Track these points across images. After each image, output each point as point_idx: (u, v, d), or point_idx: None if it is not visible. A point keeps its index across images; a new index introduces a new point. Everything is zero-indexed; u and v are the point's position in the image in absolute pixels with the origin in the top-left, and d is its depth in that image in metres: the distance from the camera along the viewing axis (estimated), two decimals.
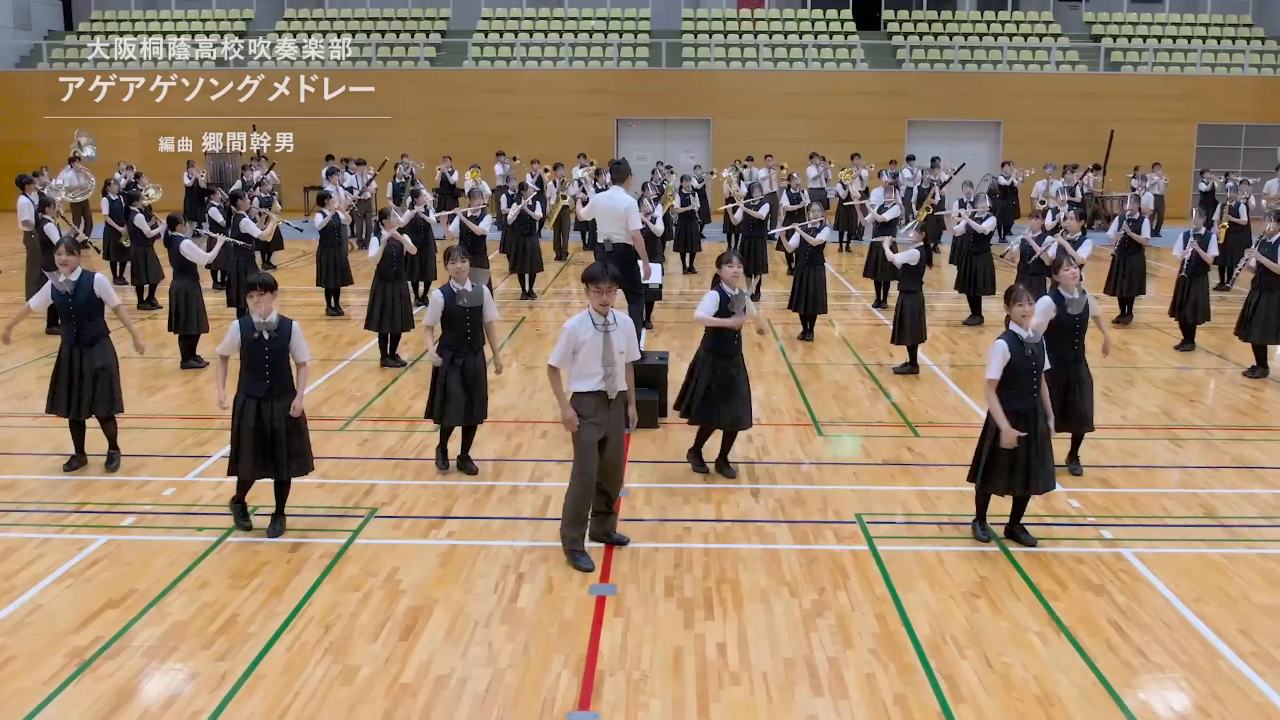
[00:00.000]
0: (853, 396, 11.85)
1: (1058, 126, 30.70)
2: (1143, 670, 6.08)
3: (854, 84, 32.21)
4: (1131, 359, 13.75)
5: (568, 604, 6.85)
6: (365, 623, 6.58)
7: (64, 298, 9.04)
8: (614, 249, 11.16)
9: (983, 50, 33.16)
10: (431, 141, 30.18)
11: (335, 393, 11.90)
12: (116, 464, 9.24)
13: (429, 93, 32.27)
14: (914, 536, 7.99)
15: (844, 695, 5.79)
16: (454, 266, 8.87)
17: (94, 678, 5.95)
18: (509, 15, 35.39)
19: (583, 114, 31.78)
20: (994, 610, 6.79)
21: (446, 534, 7.97)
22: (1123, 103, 31.09)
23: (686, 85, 32.65)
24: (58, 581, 7.16)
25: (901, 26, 34.73)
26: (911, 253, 12.53)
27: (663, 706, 5.68)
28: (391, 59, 33.50)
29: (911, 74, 32.44)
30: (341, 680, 5.92)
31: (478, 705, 5.68)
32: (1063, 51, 32.87)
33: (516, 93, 32.03)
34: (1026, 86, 31.78)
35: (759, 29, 34.73)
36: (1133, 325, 15.69)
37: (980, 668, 6.09)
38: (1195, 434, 10.60)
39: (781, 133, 30.79)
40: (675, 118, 32.75)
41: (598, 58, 33.49)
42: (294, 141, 29.84)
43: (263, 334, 7.63)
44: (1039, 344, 7.64)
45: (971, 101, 31.82)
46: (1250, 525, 8.26)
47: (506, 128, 31.02)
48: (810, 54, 33.19)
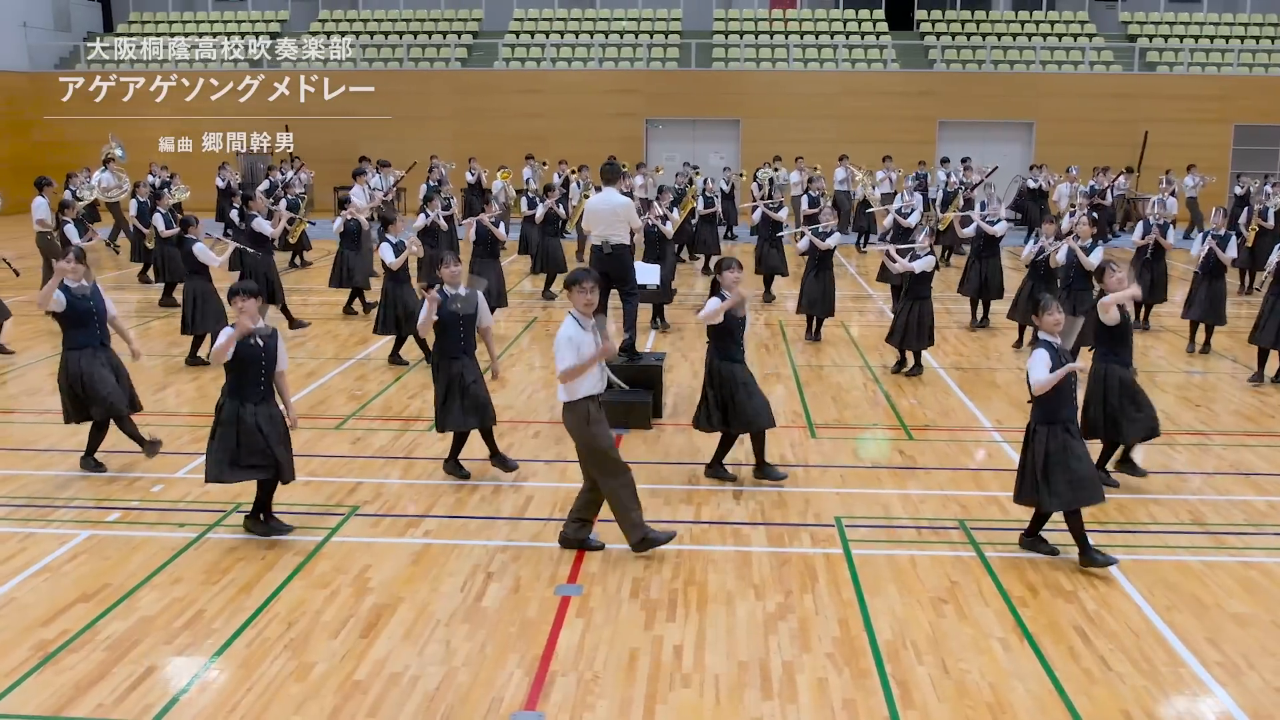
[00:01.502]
0: (851, 399, 11.78)
1: (1091, 127, 30.33)
2: (1101, 678, 6.01)
3: (884, 84, 32.01)
4: (1144, 362, 13.56)
5: (532, 604, 6.86)
6: (328, 620, 6.63)
7: (83, 300, 9.11)
8: (612, 250, 11.17)
9: (1015, 50, 32.84)
10: (460, 142, 30.30)
11: (336, 391, 12.00)
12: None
13: (459, 93, 32.42)
14: (890, 541, 7.93)
15: (793, 699, 5.77)
16: (448, 270, 8.88)
17: (55, 670, 6.04)
18: (540, 16, 35.49)
19: (612, 114, 31.80)
20: (960, 616, 6.73)
21: (423, 533, 8.01)
22: (1157, 103, 30.67)
23: (716, 85, 32.59)
24: (36, 575, 7.28)
25: (934, 26, 34.47)
26: (928, 259, 12.41)
27: (609, 707, 5.68)
28: (423, 60, 33.68)
29: (943, 74, 32.19)
30: (295, 677, 5.97)
31: (425, 703, 5.71)
32: (1097, 51, 32.50)
33: (546, 93, 32.11)
34: (1059, 87, 31.43)
35: (790, 29, 34.61)
36: (1152, 330, 15.46)
37: (936, 674, 6.04)
38: (1195, 439, 10.45)
39: (811, 133, 30.65)
40: (704, 118, 32.69)
41: (627, 58, 33.50)
42: (324, 142, 30.22)
43: (257, 340, 7.71)
44: (1069, 352, 7.53)
45: (1003, 102, 31.52)
46: (1236, 533, 8.13)
47: (535, 128, 31.11)
48: (841, 54, 33.02)
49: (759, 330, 15.32)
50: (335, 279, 16.02)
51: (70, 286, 9.03)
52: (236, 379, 7.76)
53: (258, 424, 7.66)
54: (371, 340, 14.29)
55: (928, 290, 12.44)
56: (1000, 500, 8.68)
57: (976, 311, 15.67)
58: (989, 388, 12.29)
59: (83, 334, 9.15)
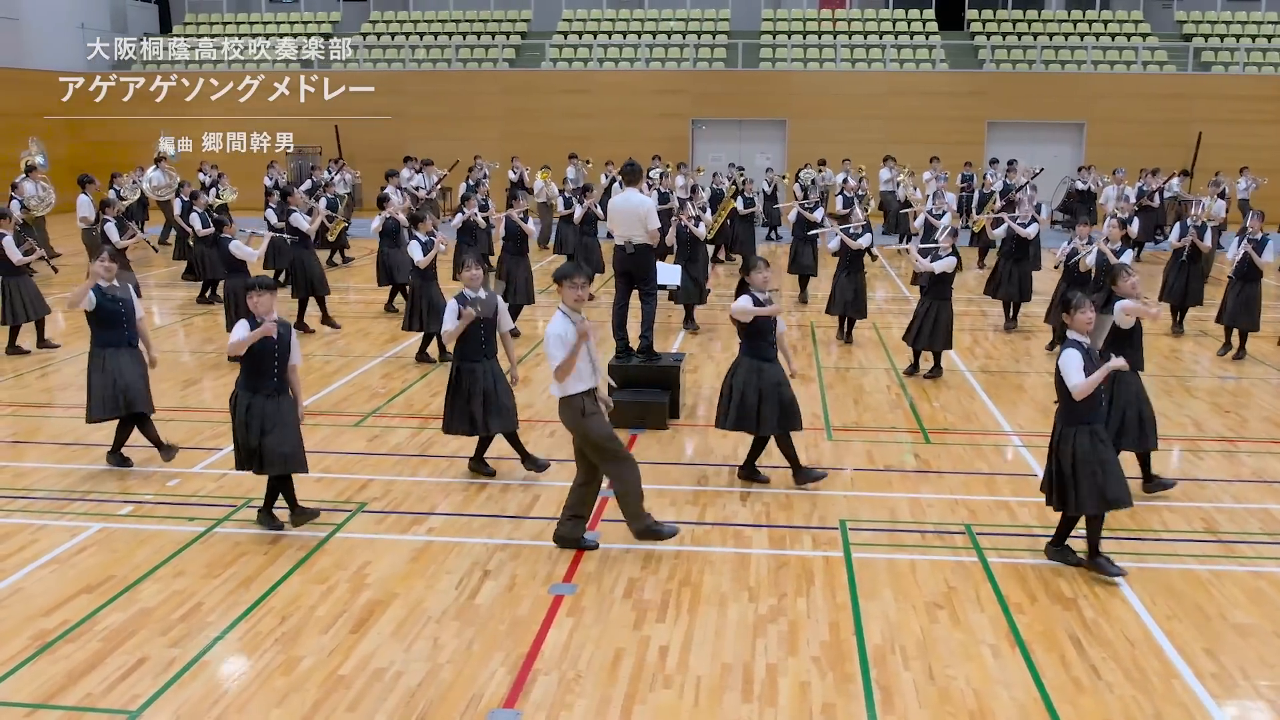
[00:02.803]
0: (873, 401, 11.70)
1: (1143, 128, 29.85)
2: (1089, 688, 5.92)
3: (933, 84, 31.72)
4: (1177, 367, 13.35)
5: (524, 602, 6.89)
6: (322, 615, 6.71)
7: (113, 301, 9.28)
8: (635, 250, 11.17)
9: (1067, 50, 32.39)
10: (508, 142, 30.49)
11: (361, 389, 12.12)
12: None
13: (506, 93, 32.59)
14: (893, 545, 7.87)
15: (772, 703, 5.75)
16: (468, 274, 8.90)
17: (51, 659, 6.17)
18: (589, 16, 35.59)
19: (658, 115, 31.80)
20: (953, 621, 6.67)
21: (427, 530, 8.07)
22: (1212, 104, 30.10)
23: (763, 86, 32.48)
24: (44, 566, 7.43)
25: (985, 26, 34.12)
26: (949, 260, 12.31)
27: (587, 706, 5.69)
28: (471, 60, 33.90)
29: (992, 74, 31.82)
30: (282, 670, 6.05)
31: (405, 699, 5.76)
32: (1150, 51, 31.97)
33: (592, 93, 32.18)
34: (1111, 87, 30.94)
35: (839, 29, 34.42)
36: (1189, 334, 15.19)
37: (921, 680, 5.99)
38: (1219, 446, 10.26)
39: (858, 134, 30.45)
40: (750, 119, 32.59)
41: (674, 59, 33.49)
42: (372, 142, 30.56)
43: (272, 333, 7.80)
44: (1099, 353, 7.43)
45: (1054, 102, 31.09)
46: (1249, 541, 7.97)
47: (582, 128, 31.18)
48: (889, 54, 32.77)
49: (790, 333, 15.25)
50: (381, 276, 16.24)
51: (102, 287, 9.18)
52: (248, 372, 7.87)
53: (264, 416, 7.75)
54: (402, 338, 14.41)
55: (948, 291, 12.32)
56: (1010, 505, 8.60)
57: (1009, 313, 15.51)
58: (1014, 391, 12.16)
59: (112, 333, 9.29)
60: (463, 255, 9.45)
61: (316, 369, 13.12)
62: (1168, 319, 15.28)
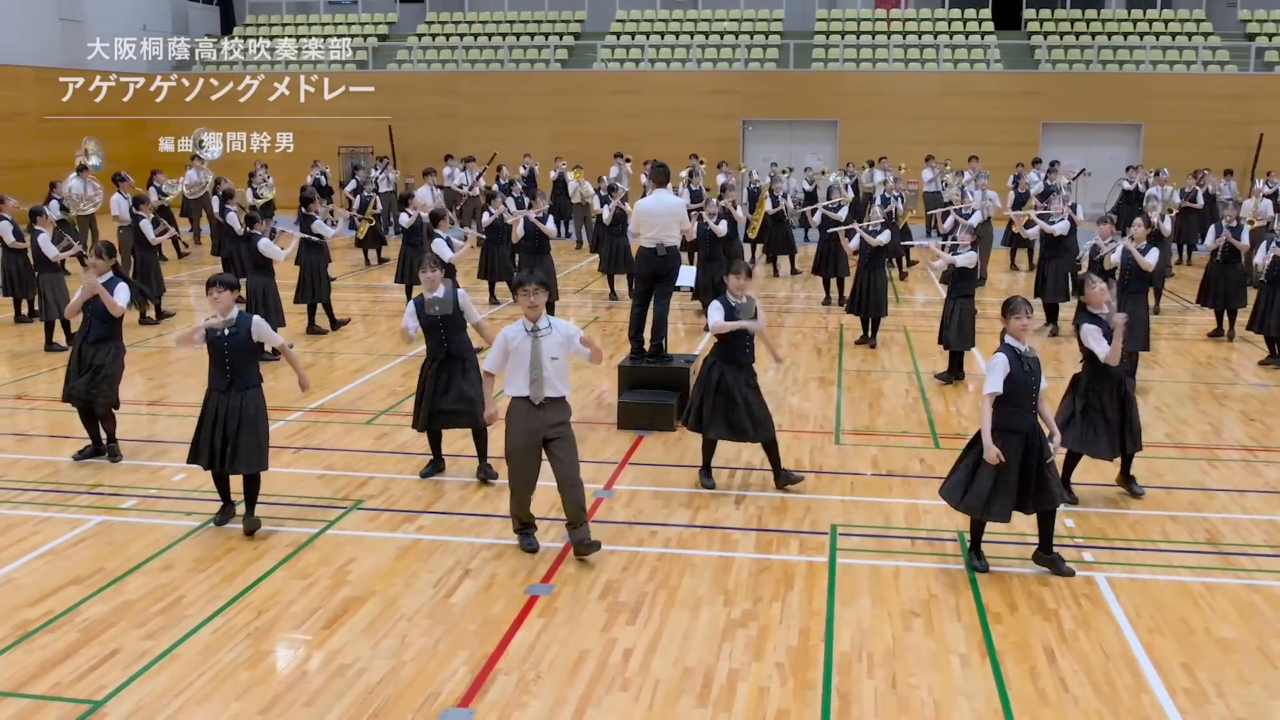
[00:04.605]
0: (888, 405, 11.58)
1: (1202, 130, 29.20)
2: (1054, 700, 5.82)
3: (987, 85, 31.30)
4: (1209, 373, 13.06)
5: (499, 602, 6.92)
6: (297, 611, 6.79)
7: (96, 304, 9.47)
8: (666, 252, 11.14)
9: (1125, 50, 31.81)
10: (559, 142, 30.60)
11: (379, 387, 12.24)
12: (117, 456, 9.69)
13: (558, 94, 32.71)
14: (880, 551, 7.79)
15: (727, 708, 5.71)
16: (425, 275, 8.98)
17: (27, 649, 6.31)
18: (642, 17, 35.62)
19: (708, 115, 31.73)
20: (927, 630, 6.58)
21: (416, 528, 8.13)
22: (1275, 105, 29.34)
23: (814, 86, 32.27)
24: (39, 557, 7.60)
25: (1042, 26, 33.63)
26: (969, 255, 12.19)
27: (540, 707, 5.70)
28: (524, 61, 34.08)
29: (1048, 74, 31.34)
30: (248, 664, 6.13)
31: (362, 696, 5.81)
32: (1211, 51, 31.29)
33: (643, 94, 32.20)
34: (1170, 88, 30.33)
35: (894, 29, 34.11)
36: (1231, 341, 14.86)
37: (883, 688, 5.93)
38: (1239, 455, 10.02)
39: (910, 134, 30.13)
40: (802, 119, 32.40)
41: (726, 59, 33.40)
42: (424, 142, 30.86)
43: (223, 330, 7.87)
44: (1035, 359, 7.37)
45: (1111, 103, 30.54)
46: (1250, 554, 7.78)
47: (631, 129, 31.21)
48: (943, 54, 32.42)
49: (816, 335, 15.16)
50: (399, 275, 16.35)
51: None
52: (209, 368, 7.97)
53: (218, 416, 7.84)
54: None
55: (970, 289, 12.18)
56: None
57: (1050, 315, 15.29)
58: None
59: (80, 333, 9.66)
60: (423, 258, 9.54)
61: (341, 366, 13.29)
62: (1207, 323, 14.96)
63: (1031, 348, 7.39)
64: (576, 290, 18.97)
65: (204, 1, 38.05)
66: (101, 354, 9.45)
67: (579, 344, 7.40)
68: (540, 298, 7.36)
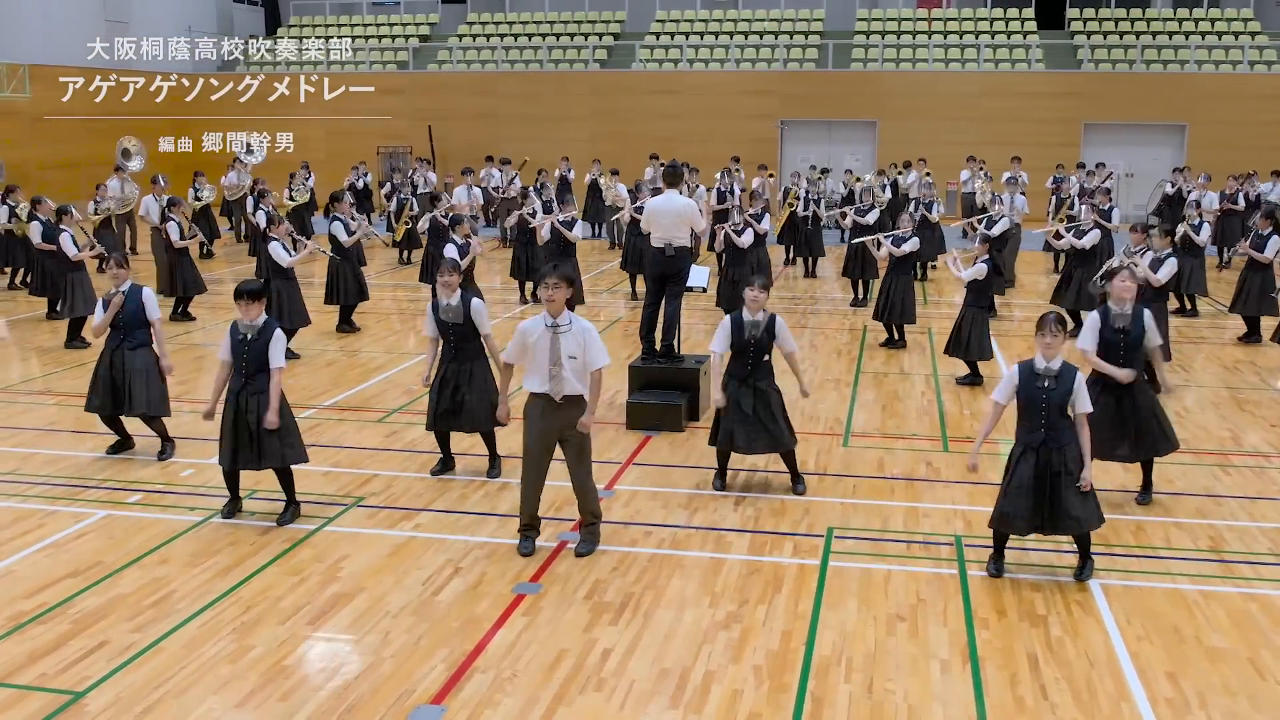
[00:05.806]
0: (900, 408, 11.49)
1: (1249, 130, 28.66)
2: (1032, 708, 5.75)
3: (1028, 85, 30.93)
4: (1235, 379, 12.83)
5: (484, 601, 6.95)
6: (285, 606, 6.85)
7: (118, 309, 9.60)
8: (675, 253, 11.15)
9: (1170, 50, 31.33)
10: (597, 142, 30.69)
11: (395, 385, 12.33)
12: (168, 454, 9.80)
13: (596, 94, 32.75)
14: (875, 554, 7.74)
15: (699, 710, 5.70)
16: (441, 280, 9.03)
17: (18, 640, 6.42)
18: (682, 17, 35.59)
19: (746, 116, 31.61)
20: (910, 635, 6.53)
21: (413, 526, 8.19)
22: None
23: (853, 86, 32.06)
24: (41, 550, 7.73)
25: (1086, 25, 33.21)
26: (979, 267, 12.08)
27: (512, 705, 5.72)
28: (563, 61, 34.17)
29: (1091, 75, 30.93)
30: (230, 659, 6.20)
31: (337, 692, 5.86)
32: (1259, 50, 30.73)
33: (681, 94, 32.16)
34: (1216, 88, 29.82)
35: (936, 29, 33.83)
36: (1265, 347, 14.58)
37: (859, 693, 5.89)
38: (1254, 461, 9.85)
39: (950, 135, 29.84)
40: (840, 119, 32.22)
41: (764, 59, 33.28)
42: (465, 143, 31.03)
43: (246, 335, 8.00)
44: (1056, 377, 7.09)
45: (1154, 104, 30.08)
46: (1252, 562, 7.65)
47: (669, 129, 31.18)
48: (985, 54, 32.11)
49: (840, 337, 15.08)
50: (422, 274, 16.47)
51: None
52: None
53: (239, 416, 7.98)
54: None
55: (985, 300, 12.10)
56: None
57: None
58: None
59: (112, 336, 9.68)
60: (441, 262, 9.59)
61: (361, 364, 13.40)
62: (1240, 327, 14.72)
63: (1054, 367, 7.08)
64: (607, 290, 19.00)
65: (249, 3, 38.46)
66: (140, 359, 9.57)
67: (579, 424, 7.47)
68: (560, 292, 7.35)
